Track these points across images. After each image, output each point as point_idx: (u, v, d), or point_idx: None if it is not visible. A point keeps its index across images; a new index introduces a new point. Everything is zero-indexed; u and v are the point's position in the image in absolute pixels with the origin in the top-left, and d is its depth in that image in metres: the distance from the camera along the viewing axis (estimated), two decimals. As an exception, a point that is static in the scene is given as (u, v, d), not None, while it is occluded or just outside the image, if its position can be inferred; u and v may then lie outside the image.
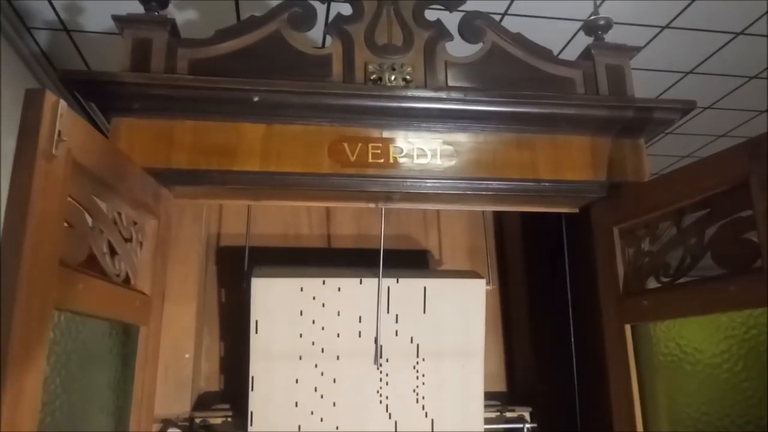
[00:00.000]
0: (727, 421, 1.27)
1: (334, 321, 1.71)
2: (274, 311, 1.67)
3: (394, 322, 1.74)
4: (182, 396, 1.74)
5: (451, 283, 1.76)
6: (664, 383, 1.43)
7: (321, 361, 1.69)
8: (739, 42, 3.65)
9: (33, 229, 0.96)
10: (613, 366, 1.55)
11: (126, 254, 1.32)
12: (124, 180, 1.29)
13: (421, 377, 1.74)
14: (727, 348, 1.28)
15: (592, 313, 1.66)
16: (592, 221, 1.64)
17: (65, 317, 1.07)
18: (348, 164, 1.55)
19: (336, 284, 1.71)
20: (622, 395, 1.51)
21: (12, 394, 0.90)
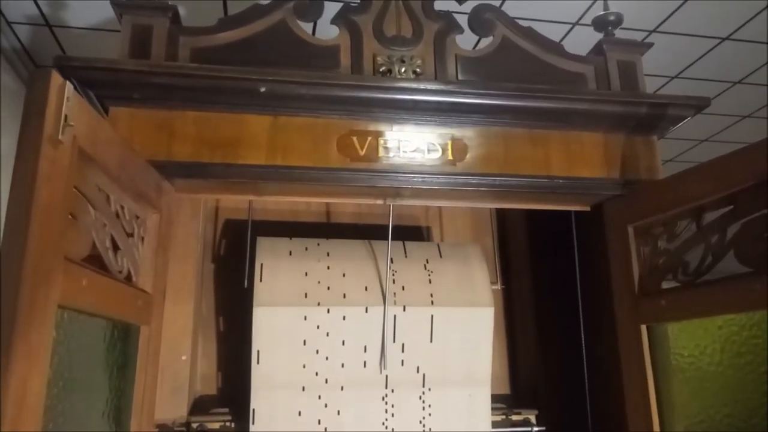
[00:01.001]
0: (752, 423, 1.24)
1: (339, 350, 1.64)
2: (276, 341, 1.61)
3: (400, 352, 1.68)
4: (179, 400, 1.66)
5: (459, 312, 1.70)
6: (683, 385, 1.40)
7: (324, 391, 1.63)
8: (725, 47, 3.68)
9: (38, 220, 0.89)
10: (628, 367, 1.51)
11: (128, 250, 1.25)
12: (127, 171, 1.22)
13: (427, 407, 1.68)
14: (752, 348, 1.25)
15: (604, 313, 1.63)
16: (605, 219, 1.61)
17: (68, 315, 1.00)
18: (357, 158, 1.50)
19: (341, 312, 1.64)
20: (638, 397, 1.47)
21: (15, 398, 0.83)
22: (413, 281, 1.71)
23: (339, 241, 1.74)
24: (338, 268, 1.67)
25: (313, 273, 1.66)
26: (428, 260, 1.75)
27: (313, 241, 1.71)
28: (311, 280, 1.65)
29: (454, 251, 1.80)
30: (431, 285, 1.71)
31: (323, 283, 1.65)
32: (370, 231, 1.89)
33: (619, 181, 1.59)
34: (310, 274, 1.65)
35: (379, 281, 1.68)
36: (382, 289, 1.67)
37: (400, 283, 1.70)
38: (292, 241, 1.70)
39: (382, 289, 1.67)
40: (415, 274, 1.72)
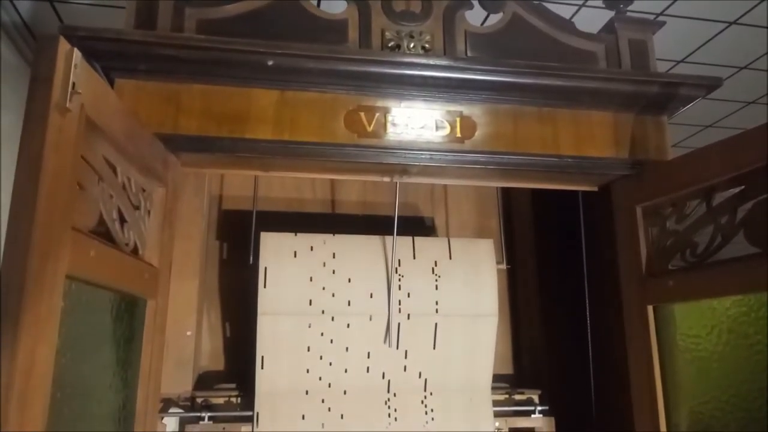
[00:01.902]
0: (758, 404, 1.24)
1: (342, 356, 1.65)
2: (280, 347, 1.61)
3: (403, 358, 1.68)
4: (184, 375, 1.67)
5: (463, 320, 1.70)
6: (688, 365, 1.40)
7: (328, 396, 1.63)
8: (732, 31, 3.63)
9: (45, 188, 0.88)
10: (633, 348, 1.51)
11: (135, 223, 1.24)
12: (134, 143, 1.21)
13: (429, 412, 1.69)
14: (760, 329, 1.24)
15: (610, 294, 1.63)
16: (613, 200, 1.60)
17: (76, 286, 0.99)
18: (365, 134, 1.48)
19: (345, 321, 1.64)
20: (643, 378, 1.47)
21: (23, 366, 0.83)
22: (419, 287, 1.69)
23: (345, 237, 1.68)
24: (344, 272, 1.65)
25: (318, 278, 1.63)
26: (437, 262, 1.71)
27: (319, 238, 1.66)
28: (316, 286, 1.63)
29: (466, 250, 1.74)
30: (437, 291, 1.70)
31: (328, 290, 1.64)
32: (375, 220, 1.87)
33: (628, 161, 1.58)
34: (315, 280, 1.63)
35: (386, 286, 1.66)
36: (387, 297, 1.66)
37: (405, 290, 1.68)
38: (297, 238, 1.65)
39: (387, 297, 1.66)
40: (422, 280, 1.69)
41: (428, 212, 2.08)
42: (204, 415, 1.57)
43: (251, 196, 1.83)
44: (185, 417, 1.58)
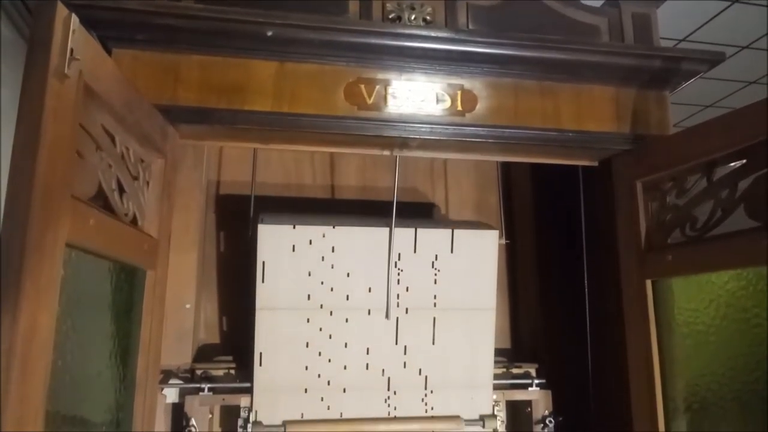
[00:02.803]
0: (754, 376, 1.25)
1: (341, 353, 1.64)
2: (279, 343, 1.60)
3: (402, 354, 1.67)
4: (183, 347, 1.67)
5: (461, 314, 1.69)
6: (686, 339, 1.41)
7: (327, 393, 1.63)
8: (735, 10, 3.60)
9: (44, 155, 0.88)
10: (631, 322, 1.52)
11: (134, 193, 1.23)
12: (133, 113, 1.20)
13: (429, 410, 1.68)
14: (758, 303, 1.25)
15: (608, 269, 1.63)
16: (614, 174, 1.60)
17: (76, 255, 0.99)
18: (364, 107, 1.47)
19: (344, 315, 1.63)
20: (640, 352, 1.48)
21: (24, 333, 0.83)
22: (418, 282, 1.67)
23: (345, 230, 1.63)
24: (343, 266, 1.62)
25: (316, 273, 1.61)
26: (437, 256, 1.68)
27: (318, 231, 1.61)
28: (314, 281, 1.61)
29: (468, 242, 1.69)
30: (436, 286, 1.69)
31: (327, 284, 1.62)
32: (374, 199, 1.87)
33: (629, 135, 1.57)
34: (314, 274, 1.61)
35: (385, 280, 1.65)
36: (387, 291, 1.65)
37: (404, 284, 1.67)
38: (295, 232, 1.60)
39: (387, 291, 1.65)
40: (421, 274, 1.67)
41: (428, 188, 2.08)
42: (204, 386, 1.57)
43: (250, 169, 1.82)
44: (185, 388, 1.59)
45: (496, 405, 1.73)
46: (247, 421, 1.57)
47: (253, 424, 1.57)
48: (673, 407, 1.43)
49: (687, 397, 1.41)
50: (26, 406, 0.82)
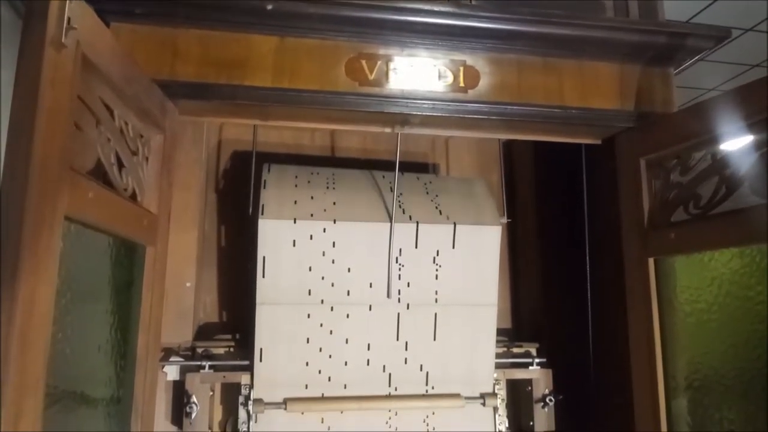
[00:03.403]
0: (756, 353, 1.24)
1: (342, 349, 1.63)
2: (279, 338, 1.59)
3: (403, 350, 1.67)
4: (184, 326, 1.67)
5: (462, 310, 1.69)
6: (688, 318, 1.40)
7: (328, 390, 1.62)
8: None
9: (42, 126, 0.86)
10: (633, 301, 1.52)
11: (133, 168, 1.22)
12: (131, 86, 1.18)
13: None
14: (760, 280, 1.24)
15: (610, 248, 1.62)
16: (617, 152, 1.58)
17: (75, 228, 0.98)
18: (366, 83, 1.45)
19: (345, 311, 1.63)
20: (642, 331, 1.48)
21: (24, 306, 0.82)
22: (419, 277, 1.66)
23: (346, 224, 1.61)
24: (344, 261, 1.61)
25: (317, 268, 1.60)
26: (439, 251, 1.67)
27: (318, 225, 1.60)
28: (315, 276, 1.60)
29: (470, 237, 1.68)
30: (437, 281, 1.68)
31: (327, 279, 1.61)
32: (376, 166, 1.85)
33: (633, 113, 1.56)
34: (314, 269, 1.60)
35: (386, 275, 1.64)
36: (387, 287, 1.64)
37: (405, 279, 1.65)
38: (296, 226, 1.58)
39: (387, 287, 1.64)
40: (423, 269, 1.66)
41: (428, 169, 2.06)
42: (204, 363, 1.58)
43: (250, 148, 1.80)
44: (186, 366, 1.60)
45: (497, 383, 1.73)
46: (248, 399, 1.57)
47: (254, 401, 1.57)
48: (674, 385, 1.43)
49: (688, 375, 1.41)
50: (26, 377, 0.82)
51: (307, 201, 1.62)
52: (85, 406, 1.06)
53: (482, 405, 1.70)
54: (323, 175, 1.70)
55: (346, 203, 1.64)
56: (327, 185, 1.67)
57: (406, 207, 1.67)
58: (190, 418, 1.53)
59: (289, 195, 1.62)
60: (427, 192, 1.73)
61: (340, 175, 1.71)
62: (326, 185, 1.67)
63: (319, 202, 1.62)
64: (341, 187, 1.68)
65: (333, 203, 1.63)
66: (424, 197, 1.72)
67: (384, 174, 1.74)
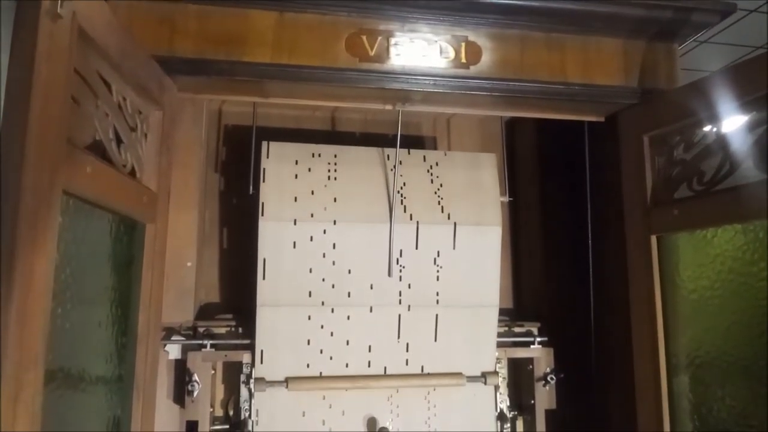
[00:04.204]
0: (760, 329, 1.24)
1: (343, 350, 1.63)
2: (279, 340, 1.59)
3: (404, 351, 1.66)
4: (185, 305, 1.66)
5: (464, 311, 1.68)
6: (690, 295, 1.40)
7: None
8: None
9: (39, 98, 0.85)
10: (635, 279, 1.51)
11: (131, 144, 1.21)
12: (129, 61, 1.16)
13: (432, 408, 1.67)
14: (763, 257, 1.23)
15: (613, 226, 1.62)
16: (620, 129, 1.57)
17: (74, 203, 0.97)
18: (366, 58, 1.44)
19: (345, 312, 1.62)
20: (643, 308, 1.48)
21: (22, 279, 0.81)
22: (420, 278, 1.65)
23: (346, 226, 1.61)
24: (344, 263, 1.61)
25: (317, 269, 1.60)
26: (439, 252, 1.66)
27: (319, 226, 1.59)
28: (315, 278, 1.60)
29: (471, 238, 1.67)
30: (438, 282, 1.67)
31: (328, 281, 1.60)
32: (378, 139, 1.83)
33: (636, 89, 1.54)
34: (315, 271, 1.60)
35: (386, 276, 1.63)
36: (388, 289, 1.64)
37: (406, 281, 1.64)
38: (296, 228, 1.57)
39: (388, 289, 1.64)
40: (423, 270, 1.65)
41: (430, 147, 2.05)
42: (206, 342, 1.57)
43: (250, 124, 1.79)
44: (187, 344, 1.59)
45: (498, 362, 1.73)
46: (250, 377, 1.57)
47: (255, 380, 1.57)
48: (676, 363, 1.43)
49: (690, 352, 1.40)
50: (25, 351, 0.81)
51: (308, 197, 1.60)
52: (86, 383, 1.06)
53: (483, 384, 1.70)
54: (324, 158, 1.65)
55: (346, 199, 1.62)
56: (328, 172, 1.63)
57: (407, 202, 1.65)
58: (191, 397, 1.53)
59: (289, 189, 1.60)
60: (431, 180, 1.69)
61: (342, 158, 1.67)
62: (327, 173, 1.63)
63: (320, 198, 1.61)
64: (343, 174, 1.64)
65: (334, 199, 1.61)
66: (427, 187, 1.68)
67: (389, 154, 1.70)
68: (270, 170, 1.60)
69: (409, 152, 1.72)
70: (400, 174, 1.66)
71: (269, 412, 1.58)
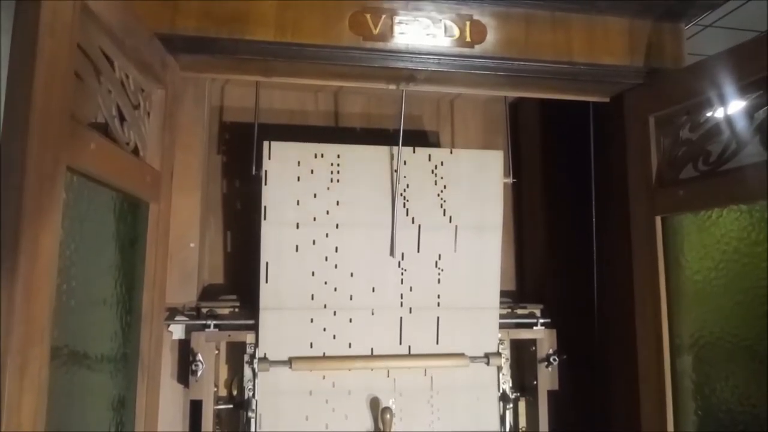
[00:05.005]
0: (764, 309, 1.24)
1: (346, 353, 1.63)
2: (283, 344, 1.59)
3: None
4: (188, 286, 1.66)
5: (464, 313, 1.69)
6: (695, 275, 1.40)
7: (332, 395, 1.62)
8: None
9: (42, 72, 0.84)
10: (639, 260, 1.51)
11: (134, 122, 1.20)
12: (132, 38, 1.15)
13: (435, 411, 1.67)
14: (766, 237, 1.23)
15: (617, 208, 1.61)
16: (625, 110, 1.56)
17: (78, 180, 0.97)
18: (370, 37, 1.42)
19: (348, 315, 1.63)
20: (647, 290, 1.48)
21: (28, 252, 0.81)
22: (422, 281, 1.66)
23: (348, 229, 1.62)
24: (346, 266, 1.62)
25: (319, 273, 1.61)
26: (441, 255, 1.67)
27: (321, 230, 1.60)
28: (318, 281, 1.61)
29: (472, 241, 1.68)
30: (439, 285, 1.68)
31: (330, 284, 1.61)
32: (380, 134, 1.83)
33: (642, 69, 1.53)
34: (317, 274, 1.60)
35: (389, 280, 1.65)
36: (390, 292, 1.65)
37: (408, 284, 1.66)
38: (298, 231, 1.59)
39: (390, 292, 1.65)
40: (425, 273, 1.66)
41: (434, 130, 2.04)
42: (210, 323, 1.58)
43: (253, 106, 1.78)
44: (191, 325, 1.60)
45: (501, 343, 1.73)
46: (253, 357, 1.58)
47: (259, 360, 1.57)
48: (679, 343, 1.43)
49: (693, 332, 1.41)
50: (31, 326, 0.81)
51: (310, 200, 1.60)
52: (91, 360, 1.06)
53: (486, 364, 1.70)
54: (327, 158, 1.62)
55: (349, 202, 1.62)
56: (331, 174, 1.62)
57: (410, 205, 1.65)
58: (195, 376, 1.53)
59: (291, 193, 1.59)
60: (435, 182, 1.68)
61: (345, 158, 1.63)
62: (330, 174, 1.62)
63: (322, 201, 1.60)
64: (345, 176, 1.62)
65: (336, 203, 1.61)
66: (431, 188, 1.67)
67: (393, 153, 1.66)
68: (272, 172, 1.58)
69: (414, 150, 1.68)
70: (403, 176, 1.65)
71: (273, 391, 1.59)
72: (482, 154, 1.74)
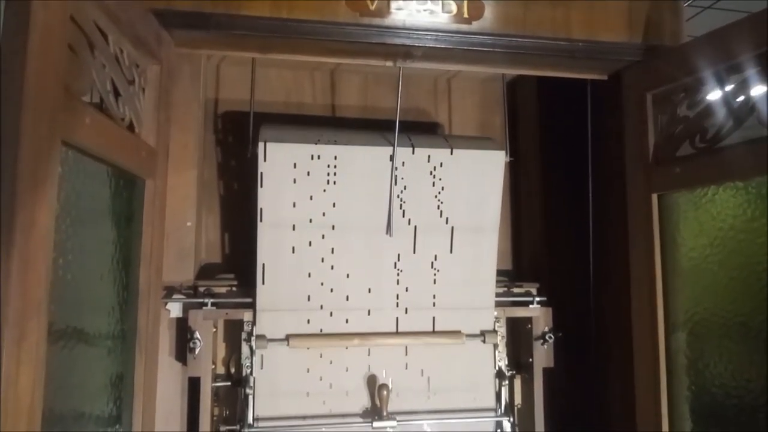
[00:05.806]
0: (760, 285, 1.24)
1: (342, 354, 1.63)
2: (276, 353, 1.59)
3: (403, 355, 1.66)
4: (185, 265, 1.66)
5: (460, 313, 1.69)
6: (691, 252, 1.40)
7: (329, 397, 1.62)
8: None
9: (35, 44, 0.83)
10: (635, 238, 1.51)
11: (129, 98, 1.19)
12: (126, 12, 1.14)
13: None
14: (762, 214, 1.23)
15: (614, 185, 1.62)
16: (623, 87, 1.55)
17: (73, 154, 0.96)
18: (367, 13, 1.41)
19: (344, 316, 1.63)
20: (643, 266, 1.48)
21: (24, 224, 0.81)
22: (418, 282, 1.67)
23: (344, 231, 1.61)
24: (342, 267, 1.62)
25: (316, 274, 1.61)
26: (437, 256, 1.67)
27: (317, 232, 1.60)
28: (314, 282, 1.61)
29: (468, 242, 1.68)
30: (435, 286, 1.68)
31: (326, 285, 1.61)
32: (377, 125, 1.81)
33: (641, 46, 1.52)
34: (314, 275, 1.61)
35: (385, 281, 1.65)
36: (386, 292, 1.65)
37: (404, 284, 1.66)
38: (294, 233, 1.58)
39: (386, 292, 1.65)
40: (421, 274, 1.67)
41: (431, 109, 2.03)
42: (207, 301, 1.58)
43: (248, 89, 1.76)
44: (188, 303, 1.60)
45: (497, 321, 1.74)
46: (251, 335, 1.58)
47: (256, 337, 1.58)
48: (674, 320, 1.44)
49: (689, 310, 1.41)
50: (28, 299, 0.81)
51: (306, 202, 1.59)
52: (88, 336, 1.06)
53: (482, 342, 1.71)
54: (324, 160, 1.59)
55: (345, 204, 1.61)
56: (328, 176, 1.60)
57: (407, 206, 1.64)
58: (193, 354, 1.54)
59: (288, 194, 1.58)
60: (433, 183, 1.66)
61: (342, 159, 1.60)
62: (327, 176, 1.59)
63: (319, 202, 1.60)
64: (342, 178, 1.60)
65: (333, 204, 1.60)
66: (429, 190, 1.66)
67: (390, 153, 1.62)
68: (267, 174, 1.57)
69: (413, 152, 1.65)
70: (401, 177, 1.64)
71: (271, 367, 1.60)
72: (483, 155, 1.70)
